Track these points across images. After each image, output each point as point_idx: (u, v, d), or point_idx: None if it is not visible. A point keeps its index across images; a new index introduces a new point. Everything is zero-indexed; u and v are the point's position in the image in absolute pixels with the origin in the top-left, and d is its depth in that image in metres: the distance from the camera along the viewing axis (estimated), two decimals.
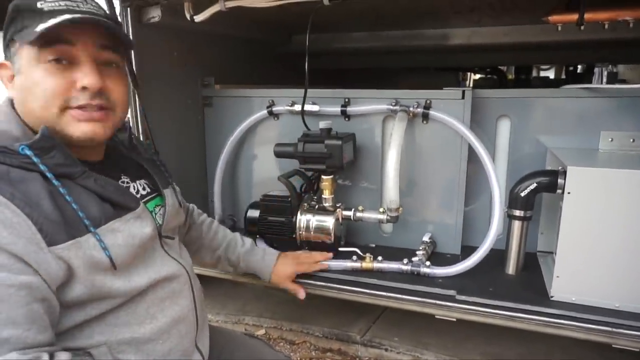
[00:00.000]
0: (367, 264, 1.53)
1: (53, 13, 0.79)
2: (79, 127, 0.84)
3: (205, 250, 1.36)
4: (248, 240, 1.42)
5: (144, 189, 1.00)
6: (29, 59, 0.81)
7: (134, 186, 0.98)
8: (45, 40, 0.79)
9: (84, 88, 0.82)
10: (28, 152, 0.77)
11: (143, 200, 0.96)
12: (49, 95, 0.81)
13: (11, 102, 0.87)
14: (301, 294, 1.46)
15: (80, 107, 0.83)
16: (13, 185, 0.75)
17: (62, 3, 0.81)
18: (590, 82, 3.60)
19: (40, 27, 0.77)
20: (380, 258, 1.54)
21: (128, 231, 0.87)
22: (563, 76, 4.21)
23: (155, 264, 0.93)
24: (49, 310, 0.75)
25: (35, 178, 0.78)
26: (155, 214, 1.00)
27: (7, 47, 0.84)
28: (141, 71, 1.61)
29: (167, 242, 1.00)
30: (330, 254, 1.57)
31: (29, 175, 0.77)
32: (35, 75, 0.80)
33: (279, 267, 1.42)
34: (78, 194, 0.81)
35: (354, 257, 1.56)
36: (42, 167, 0.78)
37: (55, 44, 0.80)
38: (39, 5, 0.80)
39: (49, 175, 0.78)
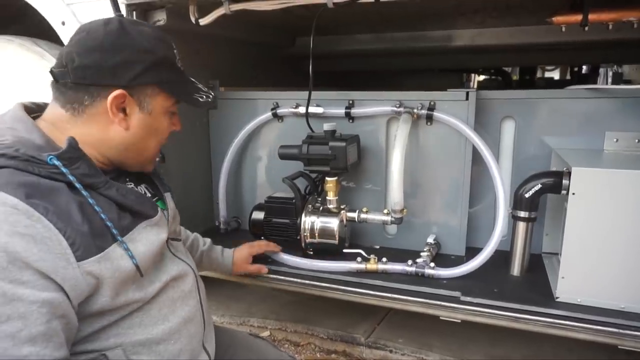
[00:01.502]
0: (372, 265, 1.53)
1: (185, 75, 0.98)
2: (153, 164, 1.03)
3: None
4: (207, 240, 1.46)
5: (145, 193, 1.01)
6: (163, 106, 0.94)
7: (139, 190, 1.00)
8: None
9: (174, 131, 1.01)
10: (57, 163, 0.78)
11: None
12: (164, 139, 0.99)
13: (24, 108, 0.88)
14: (263, 270, 1.56)
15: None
16: (46, 198, 0.75)
17: (181, 63, 0.98)
18: (595, 83, 3.58)
19: (199, 99, 0.98)
20: (384, 259, 1.54)
21: (147, 239, 0.88)
22: (568, 77, 4.19)
23: (166, 265, 0.95)
24: (67, 326, 0.76)
25: (62, 189, 0.78)
26: None
27: (133, 79, 0.87)
28: None
29: (174, 244, 1.01)
30: (279, 248, 1.63)
31: (57, 186, 0.78)
32: (165, 123, 0.96)
33: (237, 256, 1.49)
34: (103, 204, 0.82)
35: (359, 259, 1.56)
36: (71, 178, 0.78)
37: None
38: (177, 63, 0.96)
39: (78, 185, 0.79)
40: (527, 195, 1.44)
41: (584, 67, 3.82)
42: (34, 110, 0.91)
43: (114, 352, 0.83)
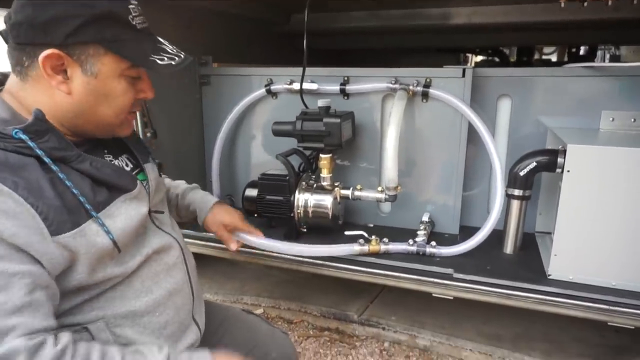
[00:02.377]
0: (374, 246, 1.51)
1: (144, 34, 0.86)
2: (127, 128, 0.94)
3: None
4: (193, 184, 1.38)
5: (127, 165, 0.98)
6: (113, 69, 0.83)
7: (117, 163, 0.96)
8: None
9: (144, 98, 0.92)
10: (23, 137, 0.74)
11: None
12: (124, 106, 0.88)
13: None
14: (232, 246, 1.39)
15: (132, 112, 0.92)
16: (15, 173, 0.72)
17: (142, 19, 0.86)
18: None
19: (158, 61, 0.85)
20: (386, 240, 1.53)
21: (125, 214, 0.86)
22: (565, 59, 4.17)
23: (148, 238, 0.92)
24: (51, 297, 0.75)
25: (33, 164, 0.75)
26: None
27: (68, 37, 0.78)
28: None
29: (157, 217, 0.99)
30: (260, 234, 1.47)
31: (26, 161, 0.75)
32: (118, 88, 0.85)
33: (215, 211, 1.32)
34: (75, 179, 0.79)
35: (361, 241, 1.53)
36: (39, 152, 0.75)
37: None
38: (131, 20, 0.83)
39: (46, 160, 0.76)
40: (521, 174, 1.44)
41: (582, 49, 3.79)
42: (1, 82, 0.86)
43: (95, 325, 0.82)
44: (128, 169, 0.97)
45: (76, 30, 0.77)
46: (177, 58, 0.89)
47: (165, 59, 0.86)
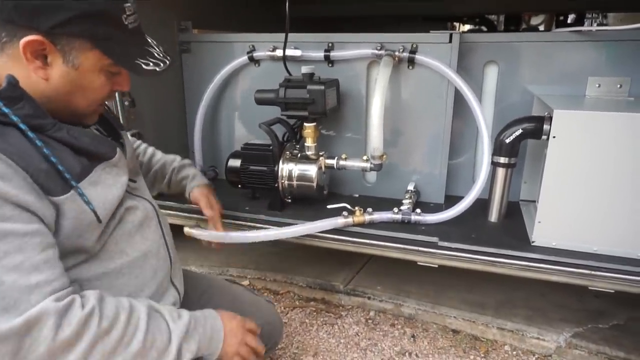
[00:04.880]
0: (358, 217, 1.49)
1: (134, 34, 0.85)
2: (95, 117, 0.92)
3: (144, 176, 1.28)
4: (179, 157, 1.42)
5: (110, 139, 0.96)
6: (94, 64, 0.81)
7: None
8: None
9: (119, 90, 0.90)
10: None
11: None
12: (99, 99, 0.87)
13: None
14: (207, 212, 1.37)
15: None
16: (1, 139, 0.71)
17: (134, 17, 0.84)
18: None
19: (143, 66, 0.84)
20: (370, 210, 1.51)
21: (105, 182, 0.84)
22: (553, 29, 4.14)
23: (122, 202, 0.90)
24: (58, 255, 0.76)
25: (11, 131, 0.73)
26: None
27: (56, 27, 0.75)
28: None
29: (131, 185, 0.96)
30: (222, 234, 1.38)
31: (6, 130, 0.73)
32: (97, 82, 0.83)
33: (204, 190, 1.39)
34: (54, 148, 0.77)
35: (345, 213, 1.50)
36: (14, 118, 0.72)
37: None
38: (124, 19, 0.82)
39: (22, 126, 0.73)
40: (507, 141, 1.42)
41: (569, 18, 3.76)
42: None
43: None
44: None
45: (67, 22, 0.75)
46: (162, 64, 0.88)
47: (151, 64, 0.86)
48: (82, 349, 0.69)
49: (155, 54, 0.89)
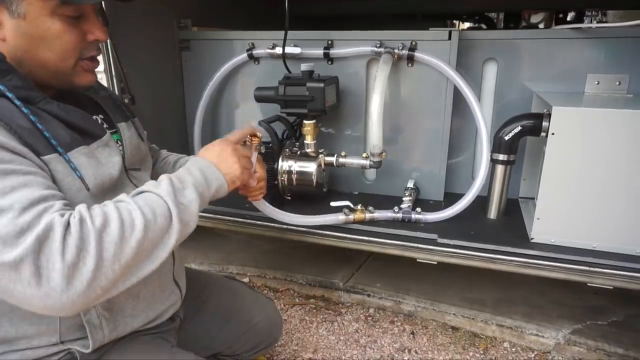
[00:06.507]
0: (359, 215, 1.49)
1: None
2: (86, 77, 0.87)
3: None
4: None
5: (101, 123, 0.95)
6: (41, 8, 0.76)
7: None
8: None
9: (95, 40, 0.84)
10: None
11: None
12: (68, 49, 0.81)
13: None
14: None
15: (89, 58, 0.86)
16: None
17: None
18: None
19: None
20: (371, 208, 1.52)
21: (96, 158, 0.83)
22: (553, 26, 4.14)
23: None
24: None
25: (1, 101, 0.73)
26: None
27: None
28: (112, 10, 1.51)
29: (135, 175, 0.96)
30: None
31: None
32: (53, 28, 0.78)
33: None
34: (43, 118, 0.77)
35: (346, 210, 1.50)
36: (1, 87, 0.73)
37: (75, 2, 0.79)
38: None
39: (9, 95, 0.73)
40: (506, 138, 1.43)
41: (569, 16, 3.76)
42: None
43: None
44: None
45: None
46: None
47: None
48: (93, 247, 0.66)
49: None
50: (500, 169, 1.48)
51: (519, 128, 1.41)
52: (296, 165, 1.57)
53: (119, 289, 0.70)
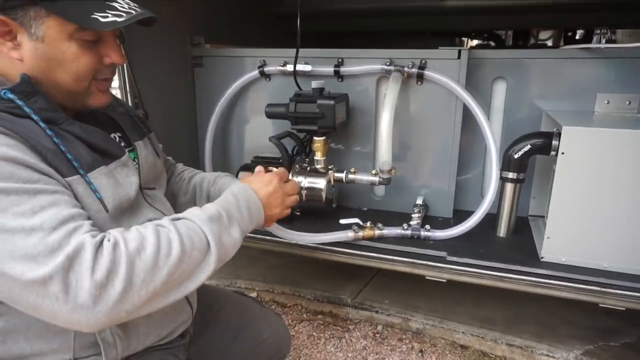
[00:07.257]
0: (368, 232, 1.50)
1: None
2: (100, 98, 0.88)
3: (182, 205, 1.22)
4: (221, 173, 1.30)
5: (119, 142, 0.97)
6: (59, 31, 0.78)
7: None
8: None
9: (112, 64, 0.86)
10: (11, 96, 0.74)
11: None
12: (83, 72, 0.82)
13: None
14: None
15: (103, 80, 0.88)
16: (14, 126, 0.72)
17: None
18: None
19: (102, 19, 0.77)
20: (380, 225, 1.52)
21: (115, 179, 0.85)
22: (562, 44, 4.15)
23: (140, 214, 0.91)
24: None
25: (26, 122, 0.75)
26: None
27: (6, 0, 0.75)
28: (127, 27, 1.55)
29: (149, 194, 0.97)
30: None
31: (20, 120, 0.74)
32: (69, 52, 0.80)
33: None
34: (66, 139, 0.78)
35: (355, 228, 1.50)
36: (27, 110, 0.74)
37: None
38: None
39: (34, 117, 0.75)
40: (516, 156, 1.43)
41: (578, 34, 3.77)
42: None
43: None
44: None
45: None
46: (125, 15, 0.81)
47: (110, 16, 0.79)
48: (124, 271, 0.67)
49: (118, 7, 0.82)
50: (509, 187, 1.48)
51: (529, 146, 1.41)
52: (306, 181, 1.58)
53: (142, 313, 0.72)
